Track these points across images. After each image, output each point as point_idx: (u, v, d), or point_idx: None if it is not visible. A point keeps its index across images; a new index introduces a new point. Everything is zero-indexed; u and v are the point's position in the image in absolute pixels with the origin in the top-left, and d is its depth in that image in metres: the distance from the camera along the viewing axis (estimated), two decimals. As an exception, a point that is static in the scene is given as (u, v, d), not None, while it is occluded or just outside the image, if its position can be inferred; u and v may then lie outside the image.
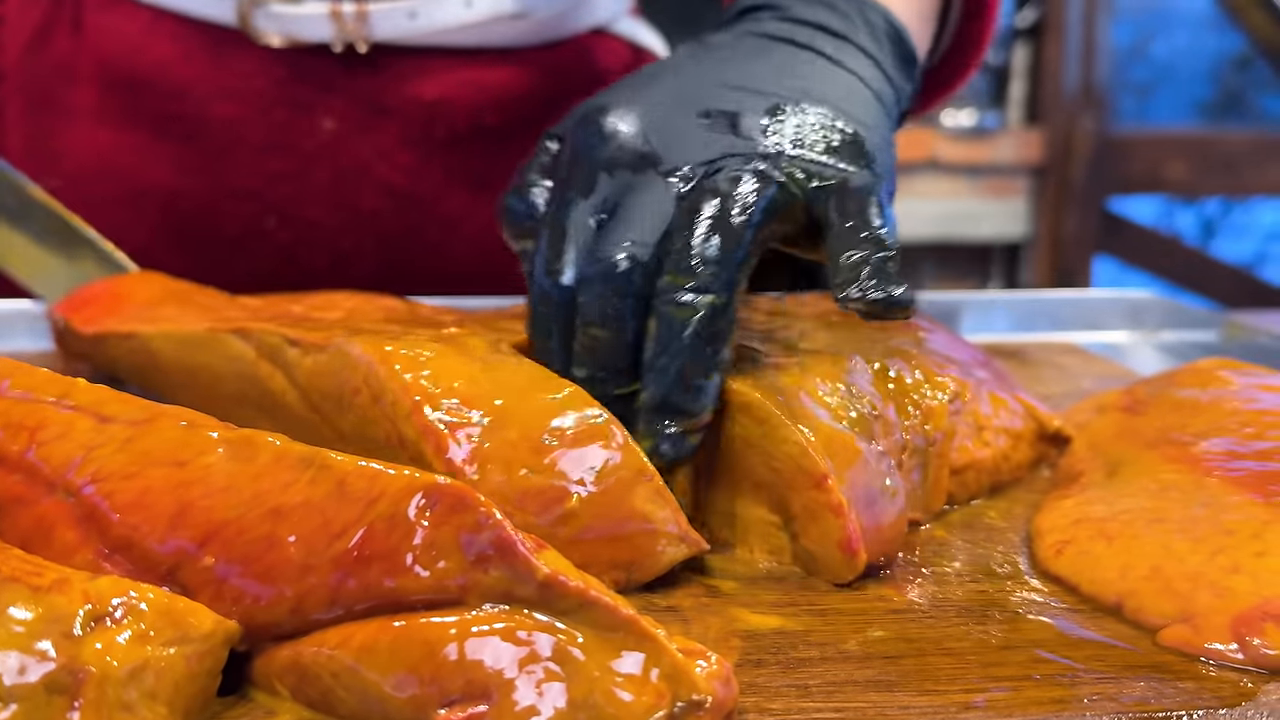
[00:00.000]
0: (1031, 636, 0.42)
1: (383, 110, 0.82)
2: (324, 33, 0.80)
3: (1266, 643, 0.40)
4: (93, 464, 0.40)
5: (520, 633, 0.34)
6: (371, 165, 0.83)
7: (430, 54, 0.82)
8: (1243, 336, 0.81)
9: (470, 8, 0.81)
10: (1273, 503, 0.45)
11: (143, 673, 0.33)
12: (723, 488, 0.48)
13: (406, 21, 0.80)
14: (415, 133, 0.83)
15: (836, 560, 0.45)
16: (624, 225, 0.49)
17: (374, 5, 0.80)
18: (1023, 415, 0.57)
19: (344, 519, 0.36)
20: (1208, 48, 4.00)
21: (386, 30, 0.80)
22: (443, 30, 0.81)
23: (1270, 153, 3.30)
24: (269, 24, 0.79)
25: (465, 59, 0.83)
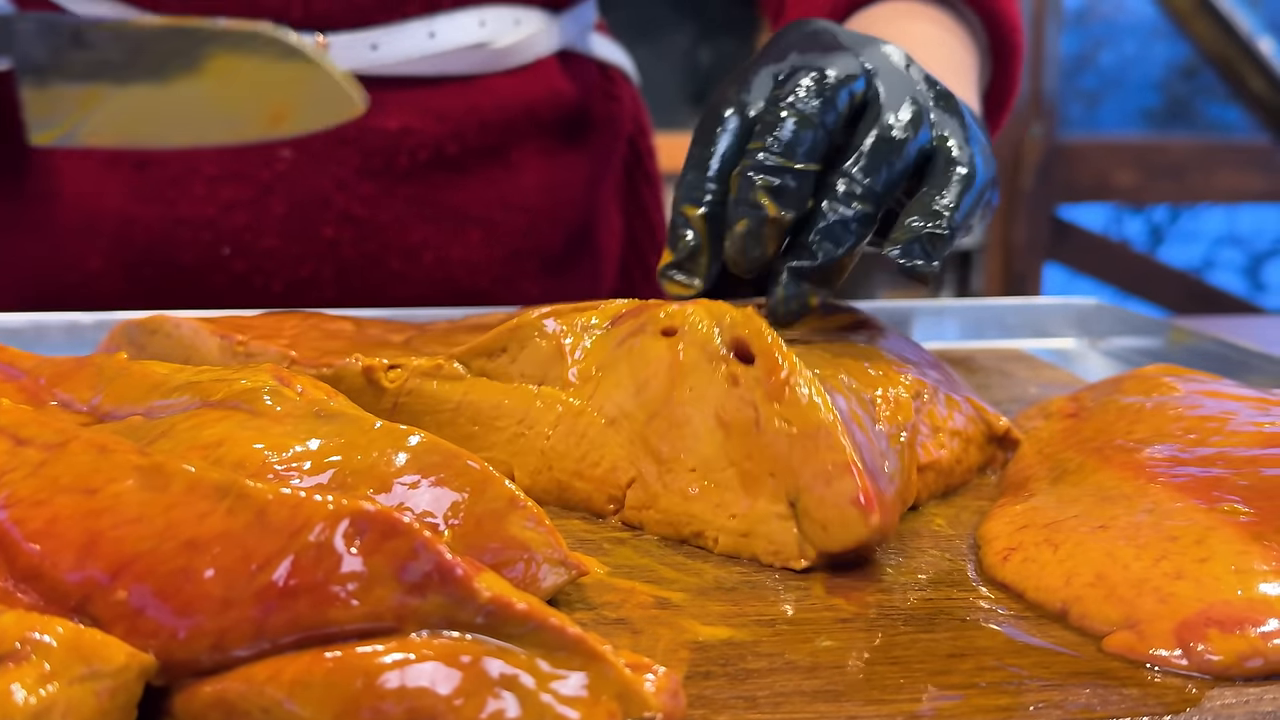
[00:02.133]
0: (978, 644, 0.42)
1: (342, 140, 0.81)
2: None
3: (1210, 648, 0.40)
4: (3, 489, 0.39)
5: (464, 657, 0.33)
6: (331, 195, 0.82)
7: (391, 83, 0.81)
8: (1188, 342, 0.82)
9: (434, 38, 0.81)
10: (1215, 509, 0.46)
11: (49, 713, 0.32)
12: (721, 484, 0.49)
13: (368, 53, 0.80)
14: (376, 163, 0.82)
15: (851, 518, 0.46)
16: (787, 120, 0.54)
17: (335, 37, 0.79)
18: (973, 418, 0.57)
19: (266, 550, 0.35)
20: (1155, 56, 4.05)
21: (348, 61, 0.79)
22: (405, 61, 0.81)
23: (1217, 159, 3.34)
24: None
25: (427, 87, 0.83)
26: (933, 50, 0.69)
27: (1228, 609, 0.41)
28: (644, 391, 0.51)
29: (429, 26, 0.81)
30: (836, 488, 0.46)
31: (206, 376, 0.46)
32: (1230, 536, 0.44)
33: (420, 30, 0.81)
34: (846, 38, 0.57)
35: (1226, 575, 0.42)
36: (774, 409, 0.47)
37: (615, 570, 0.47)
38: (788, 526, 0.47)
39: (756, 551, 0.48)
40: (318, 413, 0.43)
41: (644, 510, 0.51)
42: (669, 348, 0.50)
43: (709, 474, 0.49)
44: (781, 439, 0.47)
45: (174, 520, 0.36)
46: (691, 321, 0.50)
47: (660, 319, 0.51)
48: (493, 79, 0.85)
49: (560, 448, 0.53)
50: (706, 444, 0.49)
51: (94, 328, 0.77)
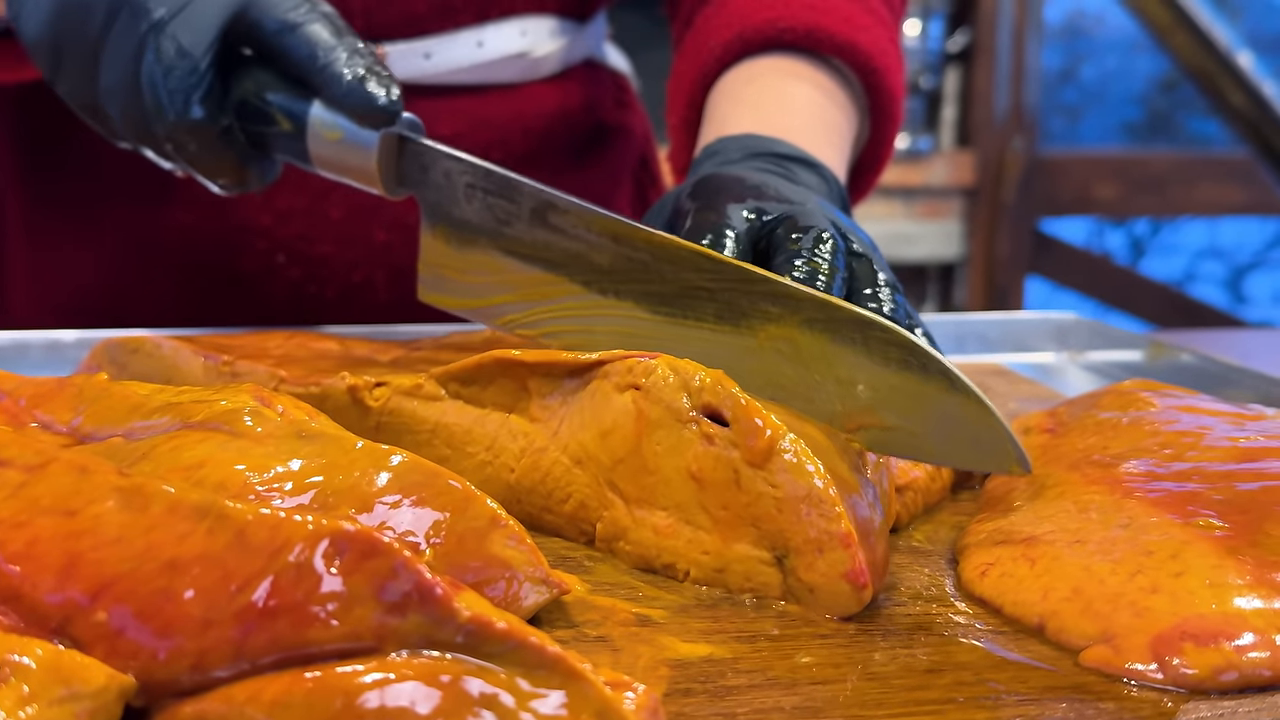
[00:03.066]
0: (957, 659, 0.42)
1: None
2: None
3: (1185, 662, 0.40)
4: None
5: (443, 677, 0.33)
6: (383, 201, 0.83)
7: (442, 93, 0.84)
8: (1167, 356, 0.82)
9: (482, 48, 0.83)
10: (1191, 523, 0.46)
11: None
12: (695, 524, 0.48)
13: (422, 61, 0.82)
14: None
15: (843, 593, 0.45)
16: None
17: (392, 46, 0.81)
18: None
19: (246, 571, 0.35)
20: (1135, 71, 4.08)
21: (402, 70, 0.81)
22: (456, 70, 0.83)
23: (1197, 173, 3.36)
24: None
25: (475, 96, 0.85)
26: (809, 116, 0.71)
27: (1202, 623, 0.41)
28: (609, 438, 0.50)
29: (477, 36, 0.83)
30: (830, 559, 0.45)
31: (186, 398, 0.46)
32: (1205, 551, 0.44)
33: (470, 40, 0.83)
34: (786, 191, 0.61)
35: (1201, 589, 0.42)
36: (756, 474, 0.46)
37: (596, 588, 0.47)
38: (771, 571, 0.47)
39: (730, 584, 0.47)
40: (299, 433, 0.43)
41: (615, 542, 0.50)
42: (633, 401, 0.49)
43: (683, 515, 0.48)
44: (767, 500, 0.46)
45: (154, 541, 0.36)
46: (655, 381, 0.48)
47: (623, 374, 0.49)
48: (531, 87, 0.87)
49: (526, 483, 0.52)
50: (679, 491, 0.48)
51: (75, 346, 0.77)
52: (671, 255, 0.52)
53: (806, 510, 0.45)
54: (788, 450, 0.45)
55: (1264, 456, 0.51)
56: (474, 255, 0.57)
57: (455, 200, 0.58)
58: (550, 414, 0.52)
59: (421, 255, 0.60)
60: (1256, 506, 0.47)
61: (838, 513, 0.44)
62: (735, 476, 0.46)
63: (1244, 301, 4.30)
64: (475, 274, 0.58)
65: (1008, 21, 3.11)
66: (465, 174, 0.57)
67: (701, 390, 0.47)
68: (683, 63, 0.79)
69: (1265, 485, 0.48)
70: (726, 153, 0.66)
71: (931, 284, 3.29)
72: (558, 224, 0.55)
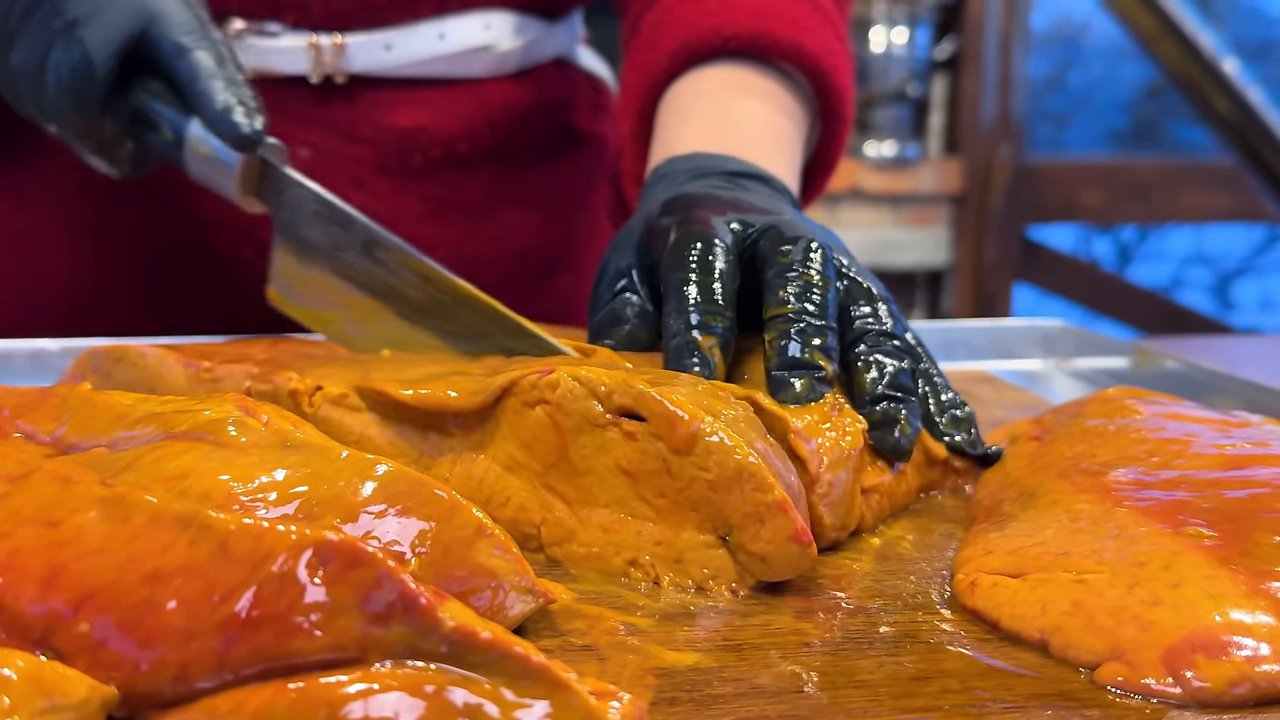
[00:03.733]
0: (943, 667, 0.42)
1: (358, 139, 0.83)
2: (301, 65, 0.81)
3: (1198, 675, 0.40)
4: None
5: (427, 687, 0.33)
6: (348, 193, 0.84)
7: (404, 85, 0.84)
8: (1152, 363, 0.82)
9: (444, 39, 0.83)
10: (1181, 533, 0.46)
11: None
12: (639, 516, 0.49)
13: (382, 53, 0.82)
14: (391, 161, 0.85)
15: (793, 554, 0.47)
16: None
17: (351, 38, 0.81)
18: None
19: (229, 581, 0.35)
20: (1122, 78, 4.09)
21: (363, 62, 0.82)
22: (417, 62, 0.83)
23: (1183, 179, 3.37)
24: (245, 56, 0.80)
25: (438, 89, 0.85)
26: (757, 130, 0.72)
27: (1209, 634, 0.41)
28: (534, 447, 0.51)
29: (439, 28, 0.83)
30: (772, 526, 0.46)
31: (170, 407, 0.46)
32: (1198, 561, 0.44)
33: (431, 32, 0.83)
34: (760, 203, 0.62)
35: (1202, 601, 0.42)
36: (685, 459, 0.47)
37: (583, 596, 0.47)
38: (721, 554, 0.48)
39: (693, 577, 0.48)
40: (284, 443, 0.43)
41: (564, 545, 0.50)
42: (546, 414, 0.50)
43: (624, 509, 0.49)
44: (700, 484, 0.47)
45: (136, 552, 0.36)
46: (562, 394, 0.49)
47: (529, 392, 0.50)
48: (499, 82, 0.87)
49: (463, 491, 0.52)
50: (615, 487, 0.49)
51: (60, 355, 0.77)
52: (467, 302, 0.61)
53: (740, 486, 0.46)
54: (710, 433, 0.46)
55: (1250, 464, 0.51)
56: (313, 272, 0.64)
57: (302, 222, 0.64)
58: (470, 429, 0.53)
59: (272, 264, 0.66)
60: (1245, 515, 0.47)
61: (769, 482, 0.46)
62: (665, 465, 0.47)
63: (1231, 308, 4.31)
64: (314, 289, 0.64)
65: (994, 29, 3.12)
66: (312, 202, 0.64)
67: (611, 394, 0.48)
68: (631, 74, 0.79)
69: (1253, 493, 0.48)
70: (674, 176, 0.67)
71: (919, 291, 3.30)
72: (381, 258, 0.62)
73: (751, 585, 0.48)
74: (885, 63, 3.05)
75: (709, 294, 0.56)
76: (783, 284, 0.55)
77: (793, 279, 0.55)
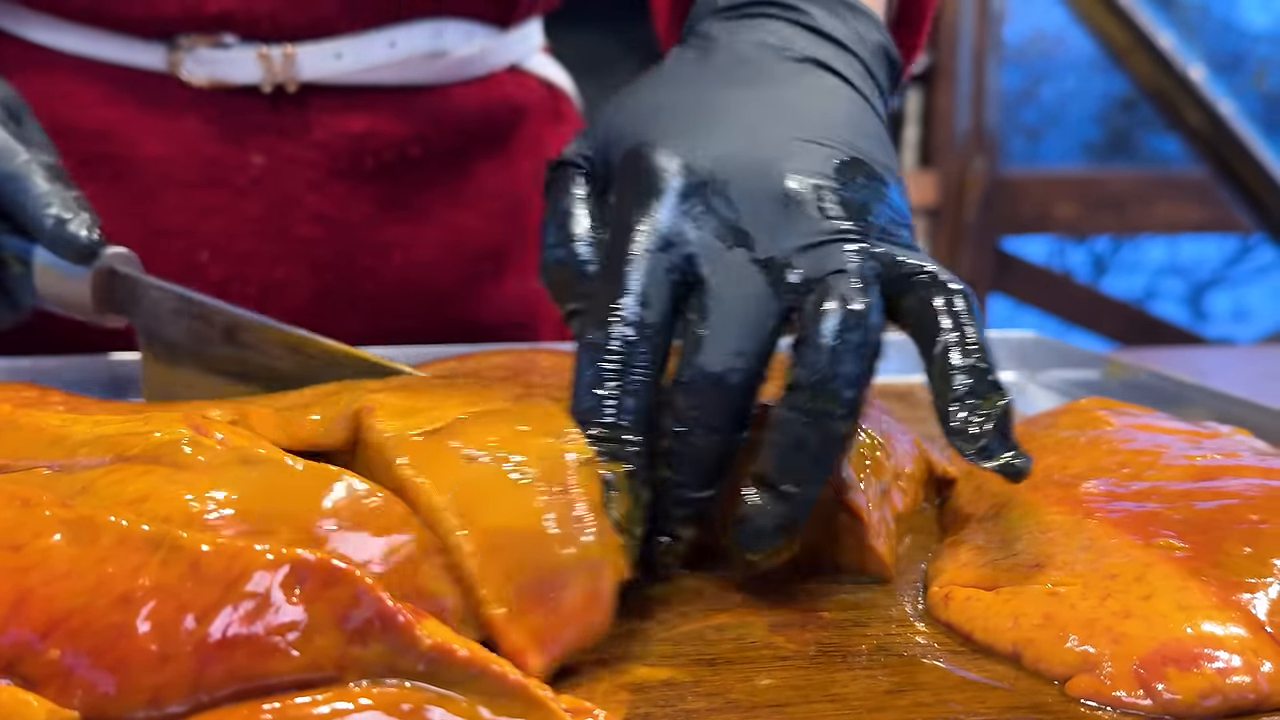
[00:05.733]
0: (917, 680, 0.42)
1: (312, 144, 0.84)
2: (253, 75, 0.81)
3: (1169, 687, 0.40)
4: None
5: (404, 705, 0.33)
6: (302, 196, 0.84)
7: (356, 91, 0.84)
8: (1124, 375, 0.83)
9: (394, 47, 0.84)
10: (1152, 545, 0.46)
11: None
12: None
13: (333, 61, 0.83)
14: (344, 165, 0.85)
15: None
16: (728, 327, 0.46)
17: (301, 47, 0.81)
18: (918, 458, 0.58)
19: (203, 602, 0.34)
20: (1095, 91, 4.12)
21: (313, 71, 0.82)
22: (369, 69, 0.84)
23: (1157, 191, 3.39)
24: (198, 68, 0.81)
25: (390, 94, 0.85)
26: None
27: (1180, 646, 0.41)
28: None
29: (390, 36, 0.84)
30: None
31: (113, 429, 0.45)
32: (1169, 573, 0.44)
33: (381, 40, 0.83)
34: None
35: (1173, 613, 0.42)
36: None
37: (557, 612, 0.47)
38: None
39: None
40: (243, 459, 0.42)
41: None
42: None
43: None
44: None
45: (106, 575, 0.35)
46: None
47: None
48: (452, 88, 0.88)
49: None
50: None
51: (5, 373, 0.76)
52: (339, 359, 0.58)
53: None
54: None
55: (1221, 475, 0.51)
56: (182, 373, 0.63)
57: (162, 324, 0.63)
58: None
59: (143, 374, 0.64)
60: (1215, 526, 0.47)
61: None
62: None
63: (1204, 318, 4.34)
64: (186, 389, 0.63)
65: (968, 43, 3.14)
66: (169, 301, 0.62)
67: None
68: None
69: (1223, 504, 0.49)
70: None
71: (895, 303, 3.31)
72: (246, 340, 0.61)
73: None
74: (860, 76, 3.06)
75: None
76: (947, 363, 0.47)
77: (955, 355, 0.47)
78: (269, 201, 0.84)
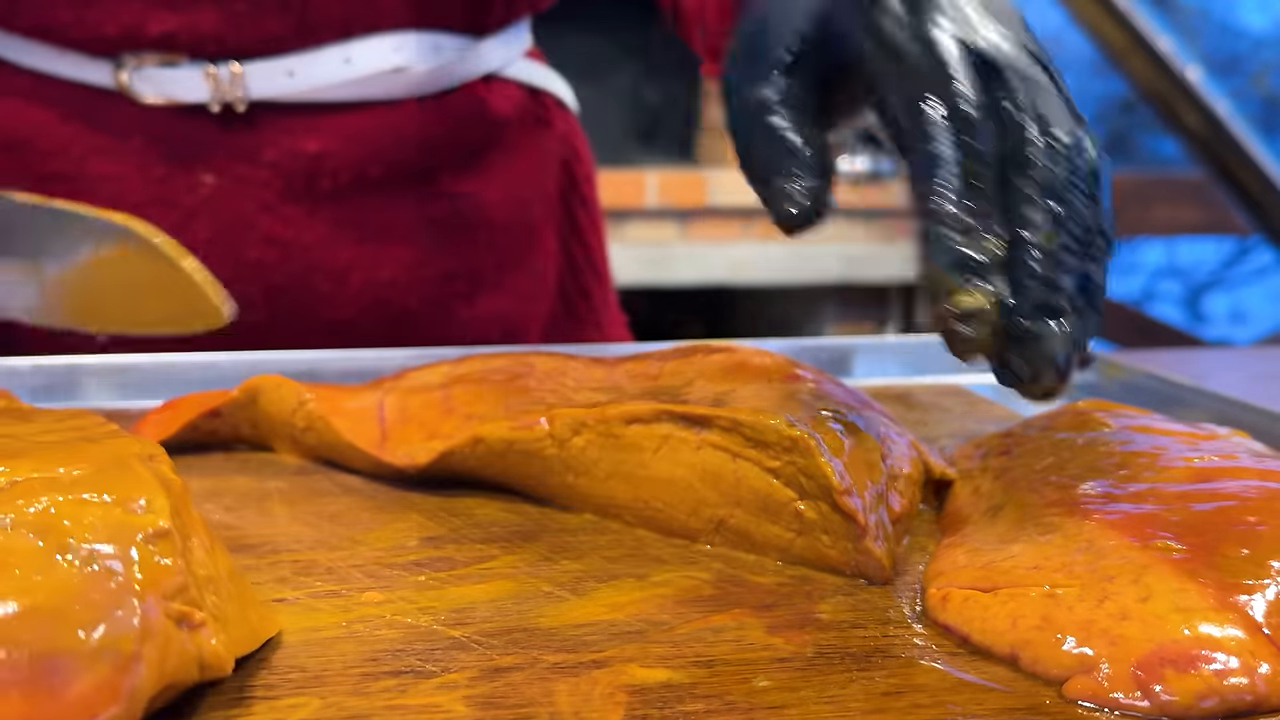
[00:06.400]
0: (914, 682, 0.42)
1: (262, 164, 0.82)
2: (200, 94, 0.80)
3: (1167, 689, 0.40)
4: None
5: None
6: (255, 218, 0.83)
7: (308, 110, 0.82)
8: (1122, 376, 0.83)
9: (349, 64, 0.82)
10: (1149, 546, 0.46)
11: None
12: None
13: (285, 80, 0.81)
14: (298, 186, 0.83)
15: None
16: (1056, 104, 0.47)
17: (250, 65, 0.80)
18: (915, 460, 0.58)
19: None
20: (1093, 92, 4.12)
21: (264, 89, 0.80)
22: (323, 87, 0.82)
23: (1155, 193, 3.40)
24: (146, 86, 0.80)
25: (345, 113, 0.83)
26: None
27: (1178, 648, 0.41)
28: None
29: (344, 53, 0.82)
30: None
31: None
32: (1166, 574, 0.44)
33: (335, 56, 0.81)
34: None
35: (1171, 614, 0.42)
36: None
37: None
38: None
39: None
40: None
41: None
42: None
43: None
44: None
45: None
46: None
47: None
48: (414, 103, 0.86)
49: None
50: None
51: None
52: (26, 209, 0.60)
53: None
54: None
55: (1218, 477, 0.51)
56: None
57: None
58: None
59: None
60: (1212, 528, 0.47)
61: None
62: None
63: (1202, 320, 4.34)
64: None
65: (966, 44, 3.14)
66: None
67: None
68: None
69: (1220, 506, 0.48)
70: None
71: (893, 305, 3.31)
72: None
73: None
74: (858, 77, 3.06)
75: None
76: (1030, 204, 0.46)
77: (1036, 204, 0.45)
78: (219, 223, 0.82)
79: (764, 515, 0.52)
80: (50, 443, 0.43)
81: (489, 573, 0.51)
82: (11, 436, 0.43)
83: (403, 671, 0.42)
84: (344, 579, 0.50)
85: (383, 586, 0.49)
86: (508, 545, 0.54)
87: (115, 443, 0.43)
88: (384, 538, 0.54)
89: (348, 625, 0.46)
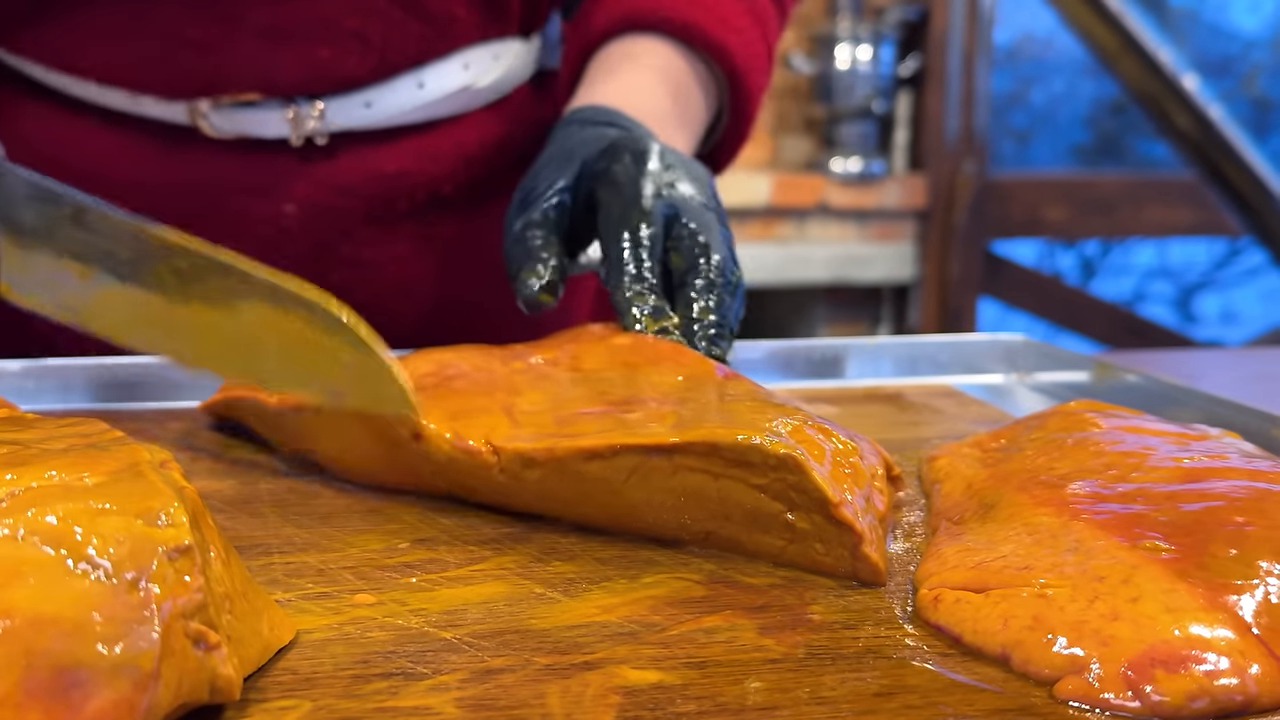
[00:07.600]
0: (906, 683, 0.42)
1: (343, 190, 0.83)
2: (281, 130, 0.80)
3: (1157, 689, 0.41)
4: None
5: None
6: (336, 243, 0.83)
7: (383, 136, 0.83)
8: (1112, 377, 0.83)
9: (423, 89, 0.83)
10: (1138, 546, 0.46)
11: None
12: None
13: (363, 111, 0.82)
14: (378, 208, 0.84)
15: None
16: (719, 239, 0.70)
17: (329, 101, 0.81)
18: (880, 458, 0.58)
19: None
20: (1084, 94, 4.13)
21: (343, 121, 0.81)
22: (398, 114, 0.83)
23: (1146, 194, 3.40)
24: (223, 123, 0.79)
25: (418, 134, 0.85)
26: (639, 98, 0.80)
27: (1168, 648, 0.41)
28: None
29: (417, 78, 0.83)
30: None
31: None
32: (1156, 575, 0.44)
33: (409, 83, 0.83)
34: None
35: (1161, 615, 0.42)
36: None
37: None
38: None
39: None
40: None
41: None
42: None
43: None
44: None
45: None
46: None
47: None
48: (474, 116, 0.87)
49: None
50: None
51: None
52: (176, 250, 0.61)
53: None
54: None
55: (1207, 477, 0.51)
56: (36, 256, 0.63)
57: (16, 208, 0.63)
58: None
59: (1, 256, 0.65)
60: (1201, 528, 0.47)
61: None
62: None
63: (1193, 321, 4.35)
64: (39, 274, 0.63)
65: (958, 46, 3.14)
66: (22, 185, 0.63)
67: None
68: (572, 31, 0.90)
69: (1208, 506, 0.49)
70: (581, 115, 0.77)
71: (885, 305, 3.31)
72: (91, 224, 0.62)
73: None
74: (850, 80, 3.07)
75: (643, 278, 0.66)
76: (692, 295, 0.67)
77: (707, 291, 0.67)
78: (300, 250, 0.83)
79: (754, 526, 0.52)
80: (58, 450, 0.42)
81: (480, 574, 0.51)
82: (17, 444, 0.43)
83: (394, 673, 0.42)
84: (335, 581, 0.50)
85: (374, 588, 0.49)
86: (499, 547, 0.54)
87: (125, 450, 0.42)
88: (375, 539, 0.54)
89: (339, 627, 0.46)
